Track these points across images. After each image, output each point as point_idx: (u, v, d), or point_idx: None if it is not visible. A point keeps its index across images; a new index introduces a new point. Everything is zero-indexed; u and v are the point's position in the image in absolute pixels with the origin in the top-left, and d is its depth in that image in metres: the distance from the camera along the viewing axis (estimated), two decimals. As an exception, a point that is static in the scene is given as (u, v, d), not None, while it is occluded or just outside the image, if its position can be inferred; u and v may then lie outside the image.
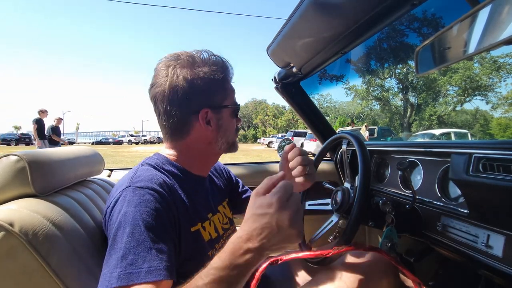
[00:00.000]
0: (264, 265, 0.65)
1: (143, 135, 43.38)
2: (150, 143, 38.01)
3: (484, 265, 0.71)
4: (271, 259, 0.68)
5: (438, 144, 0.93)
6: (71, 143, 31.23)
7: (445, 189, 0.88)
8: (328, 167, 1.61)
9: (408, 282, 0.92)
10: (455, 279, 1.06)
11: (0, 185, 0.63)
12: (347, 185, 0.90)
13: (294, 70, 1.12)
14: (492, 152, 0.70)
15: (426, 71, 0.61)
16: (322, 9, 0.71)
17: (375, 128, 16.92)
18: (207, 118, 0.70)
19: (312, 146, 13.62)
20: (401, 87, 28.21)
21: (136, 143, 36.90)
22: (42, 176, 0.67)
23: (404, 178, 1.05)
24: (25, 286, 0.57)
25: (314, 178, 0.81)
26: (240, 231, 0.48)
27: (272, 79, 1.36)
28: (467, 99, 25.52)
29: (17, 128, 53.86)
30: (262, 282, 0.63)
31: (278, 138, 21.38)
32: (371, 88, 29.40)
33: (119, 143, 35.71)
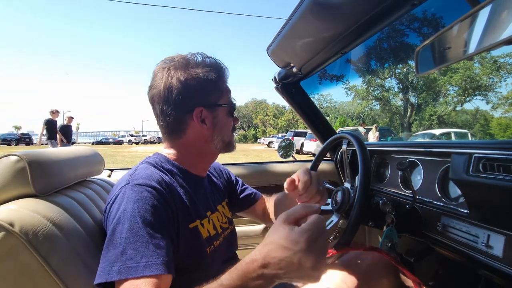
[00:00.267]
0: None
1: (143, 135, 43.31)
2: (150, 143, 37.98)
3: (484, 265, 0.71)
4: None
5: (438, 144, 0.93)
6: (72, 142, 31.15)
7: (445, 189, 0.88)
8: (328, 167, 1.61)
9: (408, 282, 0.92)
10: (455, 279, 1.06)
11: (0, 185, 0.63)
12: (347, 185, 0.90)
13: (294, 70, 1.12)
14: (492, 152, 0.70)
15: (426, 71, 0.61)
16: (322, 9, 0.71)
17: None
18: (201, 116, 0.72)
19: (312, 146, 13.64)
20: (401, 87, 28.21)
21: (136, 143, 36.88)
22: (42, 176, 0.67)
23: (404, 178, 1.05)
24: (25, 286, 0.57)
25: (325, 195, 0.80)
26: (257, 254, 0.46)
27: (272, 79, 1.36)
28: (467, 99, 25.51)
29: (17, 128, 53.90)
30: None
31: (278, 138, 21.35)
32: (371, 88, 29.39)
33: (119, 143, 35.70)
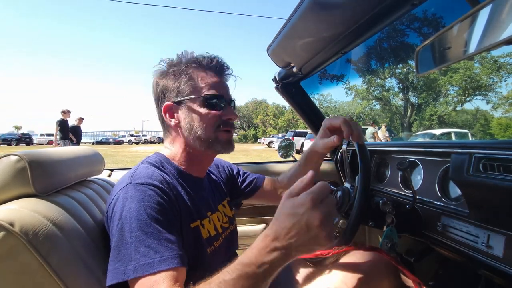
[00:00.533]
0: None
1: (143, 135, 43.25)
2: (151, 143, 37.96)
3: (484, 265, 0.71)
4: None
5: (439, 144, 0.93)
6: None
7: (445, 189, 0.88)
8: (328, 167, 1.61)
9: (409, 282, 0.92)
10: (455, 279, 1.05)
11: (1, 185, 0.63)
12: (347, 185, 0.90)
13: (294, 70, 1.12)
14: (493, 152, 0.70)
15: (427, 71, 0.61)
16: (322, 9, 0.71)
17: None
18: (170, 112, 0.72)
19: (312, 146, 13.59)
20: (401, 87, 28.18)
21: (137, 143, 36.85)
22: (43, 176, 0.67)
23: (404, 178, 1.05)
24: (25, 286, 0.57)
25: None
26: (268, 229, 0.47)
27: (273, 79, 1.36)
28: (468, 99, 25.49)
29: (17, 128, 53.90)
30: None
31: (278, 138, 21.32)
32: (372, 88, 29.36)
33: (120, 143, 35.69)
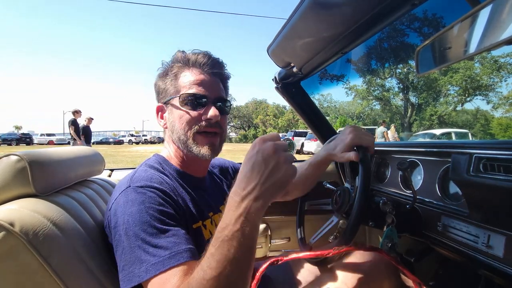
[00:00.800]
0: (264, 265, 0.65)
1: (143, 135, 43.21)
2: (151, 143, 37.95)
3: (485, 265, 0.71)
4: (272, 259, 0.68)
5: (439, 144, 0.93)
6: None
7: (445, 189, 0.88)
8: (328, 167, 1.60)
9: (409, 282, 0.92)
10: (455, 279, 1.05)
11: (1, 185, 0.63)
12: (347, 185, 0.90)
13: (295, 70, 1.12)
14: (493, 152, 0.70)
15: (427, 71, 0.61)
16: (322, 9, 0.71)
17: (375, 128, 16.92)
18: (162, 113, 0.75)
19: (312, 146, 13.64)
20: (401, 87, 28.19)
21: (137, 143, 36.82)
22: (43, 176, 0.67)
23: (404, 178, 1.05)
24: (25, 286, 0.57)
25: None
26: (234, 186, 0.49)
27: (273, 79, 1.36)
28: (468, 99, 25.50)
29: (17, 128, 53.91)
30: (262, 282, 0.63)
31: (278, 138, 21.26)
32: (372, 88, 29.37)
33: (120, 143, 35.67)
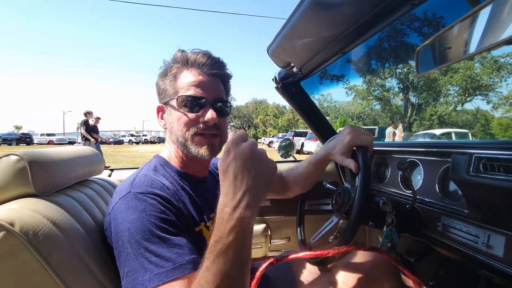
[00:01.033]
0: (264, 265, 0.65)
1: (143, 135, 43.21)
2: (151, 143, 37.95)
3: (485, 265, 0.71)
4: (272, 259, 0.68)
5: (439, 144, 0.93)
6: (71, 142, 31.26)
7: (445, 189, 0.88)
8: (328, 167, 1.60)
9: (409, 282, 0.92)
10: (455, 279, 1.05)
11: (1, 184, 0.63)
12: (347, 185, 0.90)
13: (295, 70, 1.12)
14: (493, 152, 0.70)
15: (427, 71, 0.61)
16: (322, 9, 0.71)
17: (375, 128, 16.94)
18: (162, 113, 0.75)
19: (312, 146, 13.63)
20: (401, 87, 28.18)
21: (137, 143, 36.82)
22: (43, 176, 0.67)
23: (404, 178, 1.05)
24: (25, 286, 0.57)
25: None
26: (220, 199, 0.48)
27: (273, 79, 1.36)
28: (468, 99, 25.48)
29: (18, 128, 53.92)
30: (262, 282, 0.63)
31: (278, 138, 21.33)
32: (372, 88, 29.37)
33: (120, 142, 35.65)
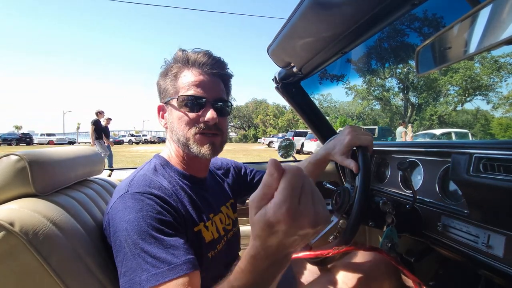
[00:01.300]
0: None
1: (143, 135, 43.24)
2: (151, 143, 37.96)
3: (485, 265, 0.71)
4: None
5: (439, 144, 0.93)
6: (71, 142, 31.26)
7: (445, 189, 0.88)
8: (328, 167, 1.61)
9: (409, 282, 0.92)
10: (455, 279, 1.05)
11: (1, 184, 0.63)
12: (347, 185, 0.90)
13: (295, 70, 1.12)
14: (493, 152, 0.70)
15: (427, 71, 0.61)
16: (322, 9, 0.71)
17: (375, 128, 16.96)
18: (162, 113, 0.75)
19: (312, 146, 13.64)
20: (401, 87, 28.19)
21: (137, 143, 36.82)
22: (43, 176, 0.67)
23: (404, 178, 1.05)
24: (25, 285, 0.57)
25: None
26: (253, 249, 0.39)
27: (273, 79, 1.36)
28: (468, 99, 25.50)
29: (18, 128, 53.90)
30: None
31: (278, 138, 21.34)
32: (372, 88, 29.38)
33: (120, 142, 35.60)
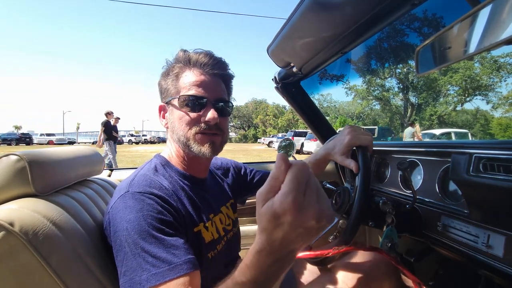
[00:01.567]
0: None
1: (143, 135, 43.23)
2: (151, 143, 37.97)
3: (485, 265, 0.71)
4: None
5: (439, 144, 0.93)
6: (71, 142, 31.25)
7: (445, 189, 0.88)
8: (328, 167, 1.60)
9: (409, 282, 0.92)
10: (455, 279, 1.05)
11: (0, 184, 0.63)
12: (347, 185, 0.90)
13: (294, 70, 1.11)
14: (493, 152, 0.70)
15: (427, 71, 0.61)
16: (322, 9, 0.71)
17: (375, 128, 16.97)
18: (164, 112, 0.75)
19: (312, 146, 13.65)
20: (401, 87, 28.20)
21: (137, 143, 36.81)
22: (42, 176, 0.67)
23: (404, 178, 1.05)
24: (25, 285, 0.57)
25: None
26: (258, 244, 0.39)
27: (272, 79, 1.36)
28: (468, 99, 25.53)
29: (17, 128, 53.86)
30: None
31: (278, 138, 21.36)
32: (372, 88, 29.40)
33: (120, 142, 35.57)
